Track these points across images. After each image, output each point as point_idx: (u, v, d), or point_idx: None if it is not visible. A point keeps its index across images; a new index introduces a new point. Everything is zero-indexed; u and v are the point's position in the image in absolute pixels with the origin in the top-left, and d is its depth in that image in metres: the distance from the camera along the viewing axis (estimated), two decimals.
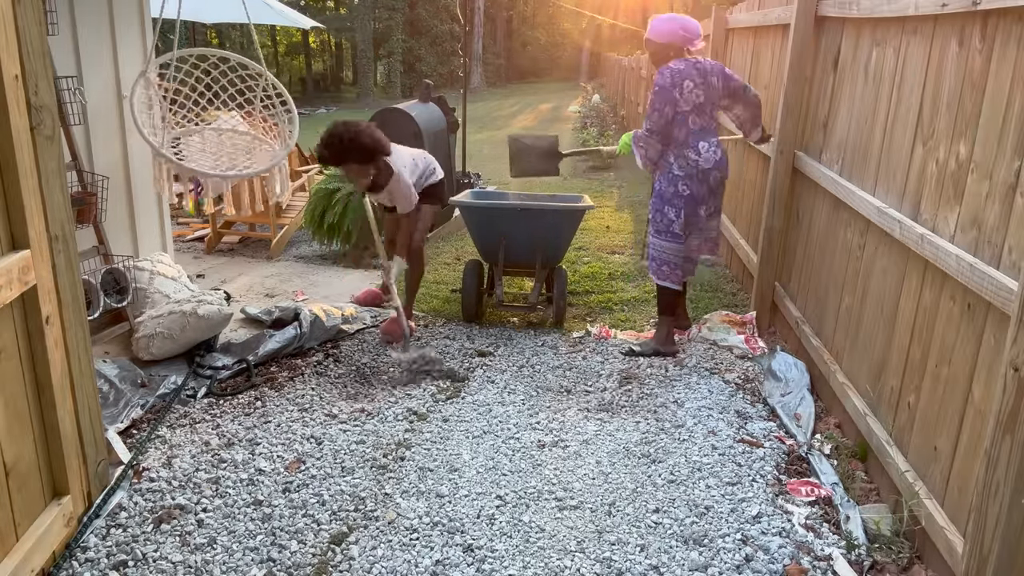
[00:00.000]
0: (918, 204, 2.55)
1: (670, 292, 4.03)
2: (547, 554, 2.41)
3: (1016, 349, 1.76)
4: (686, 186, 3.83)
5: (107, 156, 4.03)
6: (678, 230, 3.88)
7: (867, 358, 2.93)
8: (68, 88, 3.45)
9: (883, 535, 2.44)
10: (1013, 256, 1.95)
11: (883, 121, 2.89)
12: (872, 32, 3.06)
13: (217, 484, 2.76)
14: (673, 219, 3.88)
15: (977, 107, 2.19)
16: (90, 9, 3.85)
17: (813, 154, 3.76)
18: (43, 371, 2.24)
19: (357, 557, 2.38)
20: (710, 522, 2.58)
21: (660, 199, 3.92)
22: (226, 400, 3.47)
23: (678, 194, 3.84)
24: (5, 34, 2.01)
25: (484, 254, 4.59)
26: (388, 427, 3.22)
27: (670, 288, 4.01)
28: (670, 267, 3.95)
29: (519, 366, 3.92)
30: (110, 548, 2.40)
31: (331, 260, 5.98)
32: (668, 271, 3.96)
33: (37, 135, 2.19)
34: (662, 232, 3.94)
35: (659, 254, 3.97)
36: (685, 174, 3.82)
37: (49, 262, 2.27)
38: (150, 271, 4.09)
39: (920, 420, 2.45)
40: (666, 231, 3.92)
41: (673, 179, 3.85)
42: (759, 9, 4.93)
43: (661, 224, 3.93)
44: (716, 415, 3.34)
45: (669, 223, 3.90)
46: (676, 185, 3.84)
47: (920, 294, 2.50)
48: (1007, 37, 2.06)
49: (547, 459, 2.99)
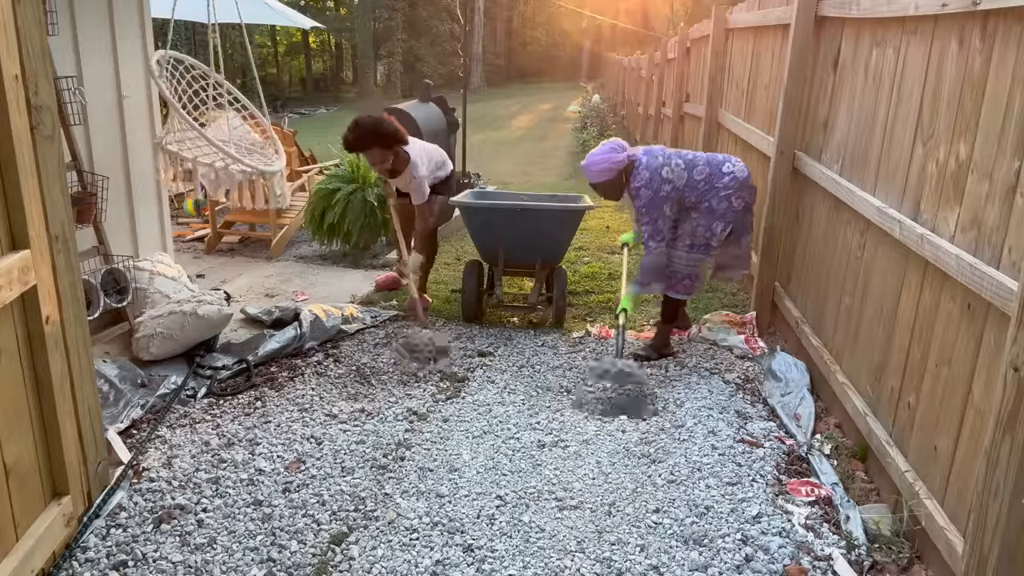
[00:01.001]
0: (918, 204, 2.55)
1: (680, 304, 4.04)
2: (547, 554, 2.41)
3: (1016, 349, 1.76)
4: (739, 198, 3.78)
5: (107, 156, 4.03)
6: (715, 243, 3.85)
7: (867, 358, 2.93)
8: (68, 88, 3.45)
9: (883, 535, 2.44)
10: (1013, 256, 1.95)
11: (883, 121, 2.89)
12: (872, 32, 3.06)
13: (217, 484, 2.76)
14: (717, 232, 3.82)
15: (977, 107, 2.19)
16: (90, 9, 3.85)
17: (813, 154, 3.76)
18: (43, 371, 2.24)
19: (357, 557, 2.38)
20: (710, 522, 2.58)
21: (711, 216, 3.80)
22: (226, 400, 3.47)
23: (732, 208, 3.78)
24: (5, 34, 2.01)
25: (484, 254, 4.59)
26: (388, 427, 3.22)
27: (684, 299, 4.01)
28: (692, 279, 3.92)
29: (519, 366, 3.92)
30: (110, 548, 2.40)
31: (331, 260, 5.98)
32: (690, 284, 3.93)
33: (37, 135, 2.19)
34: (698, 246, 3.85)
35: (691, 269, 3.89)
36: (734, 189, 3.76)
37: (49, 262, 2.27)
38: (150, 271, 4.09)
39: (920, 420, 2.45)
40: (704, 244, 3.85)
41: (723, 197, 3.77)
42: (759, 9, 4.93)
43: (701, 239, 3.84)
44: (716, 415, 3.34)
45: (710, 236, 3.83)
46: (730, 200, 3.77)
47: (920, 294, 2.50)
48: (1007, 37, 2.06)
49: (547, 459, 2.99)
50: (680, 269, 3.90)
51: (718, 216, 3.79)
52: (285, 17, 10.72)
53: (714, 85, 6.24)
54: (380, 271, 5.64)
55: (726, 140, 5.87)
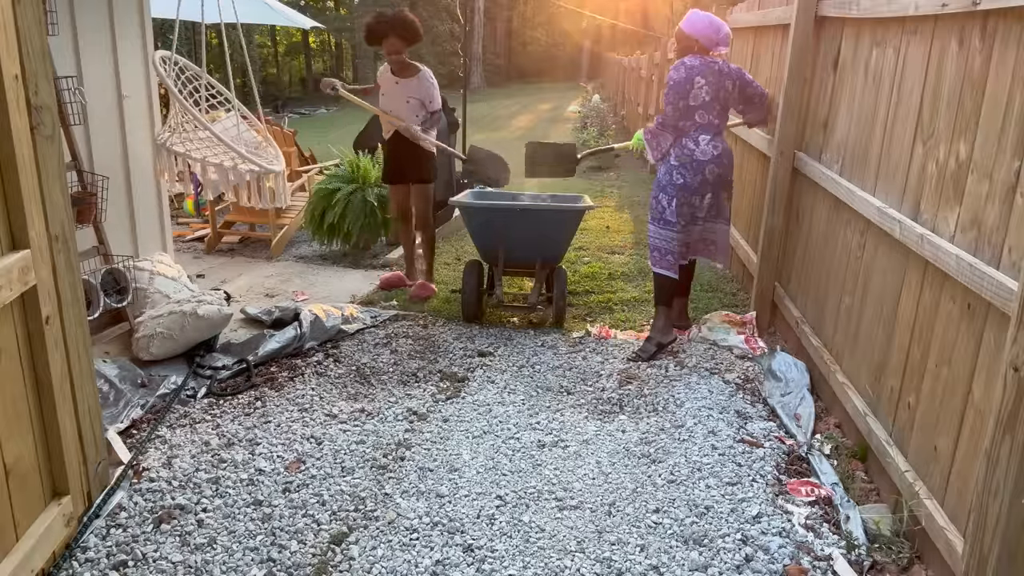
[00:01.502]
0: (918, 204, 2.55)
1: (666, 282, 4.05)
2: (547, 554, 2.41)
3: (1016, 349, 1.76)
4: (680, 175, 3.92)
5: (107, 156, 4.03)
6: (671, 217, 3.96)
7: (867, 358, 2.93)
8: (68, 88, 3.45)
9: (883, 535, 2.44)
10: (1013, 256, 1.95)
11: (883, 121, 2.89)
12: (872, 32, 3.06)
13: (217, 484, 2.76)
14: (666, 206, 3.98)
15: (977, 107, 2.19)
16: (90, 9, 3.85)
17: (813, 154, 3.76)
18: (43, 371, 2.24)
19: (357, 557, 2.38)
20: (710, 522, 2.58)
21: (657, 187, 4.04)
22: (226, 400, 3.47)
23: (672, 182, 3.94)
24: (5, 34, 2.01)
25: (484, 254, 4.59)
26: (388, 427, 3.22)
27: (666, 277, 4.03)
28: (661, 253, 4.03)
29: (519, 366, 3.92)
30: (110, 548, 2.40)
31: (331, 260, 5.98)
32: (659, 257, 4.03)
33: (37, 135, 2.19)
34: (656, 219, 4.04)
35: (652, 240, 4.07)
36: (680, 163, 3.92)
37: (49, 262, 2.27)
38: (150, 271, 4.09)
39: (920, 420, 2.45)
40: (660, 218, 4.02)
41: (669, 168, 3.97)
42: (759, 9, 4.93)
43: (655, 211, 4.04)
44: (716, 415, 3.34)
45: (662, 210, 4.00)
46: (672, 174, 3.95)
47: (920, 294, 2.50)
48: (1007, 37, 2.06)
49: (547, 459, 2.99)
50: (650, 242, 4.10)
51: (661, 188, 3.99)
52: (285, 17, 10.71)
53: None
54: (380, 271, 5.65)
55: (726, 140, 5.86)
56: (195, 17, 4.50)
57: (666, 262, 4.02)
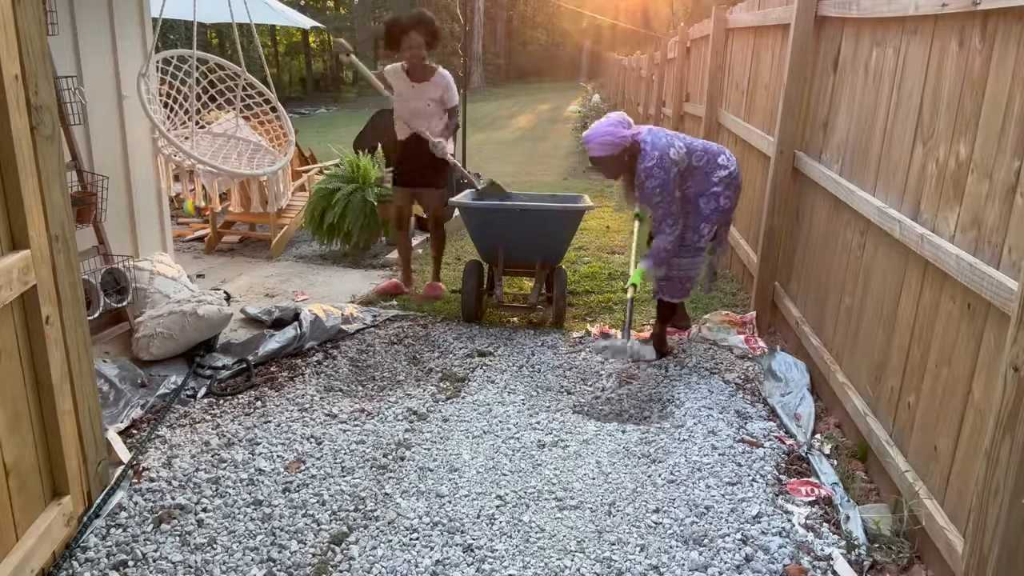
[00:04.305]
0: (918, 204, 2.55)
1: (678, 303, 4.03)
2: (547, 554, 2.41)
3: (1016, 349, 1.76)
4: (727, 198, 3.72)
5: (107, 156, 4.03)
6: (703, 244, 3.79)
7: (867, 358, 2.93)
8: (68, 88, 3.45)
9: (883, 535, 2.44)
10: (1013, 256, 1.95)
11: (883, 121, 2.89)
12: (872, 32, 3.06)
13: (217, 484, 2.76)
14: (705, 234, 3.76)
15: (977, 107, 2.19)
16: (90, 9, 3.85)
17: (813, 154, 3.76)
18: (43, 371, 2.24)
19: (357, 557, 2.38)
20: (710, 522, 2.58)
21: (698, 218, 3.73)
22: (226, 400, 3.47)
23: (719, 208, 3.71)
24: (5, 34, 2.01)
25: (484, 254, 4.59)
26: (388, 427, 3.22)
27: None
28: (691, 282, 3.88)
29: (519, 366, 3.92)
30: (110, 548, 2.40)
31: (331, 260, 5.98)
32: (688, 287, 3.89)
33: (37, 135, 2.19)
34: (689, 250, 3.78)
35: (685, 272, 3.82)
36: (725, 186, 3.70)
37: (49, 262, 2.27)
38: (150, 271, 4.09)
39: (920, 420, 2.45)
40: (693, 247, 3.78)
41: (712, 196, 3.70)
42: (759, 9, 4.93)
43: (690, 242, 3.77)
44: (716, 415, 3.34)
45: (698, 239, 3.76)
46: (718, 200, 3.70)
47: (920, 294, 2.50)
48: (1007, 37, 2.06)
49: (547, 459, 2.99)
50: (681, 276, 3.85)
51: (704, 218, 3.72)
52: (285, 17, 10.71)
53: (714, 85, 6.25)
54: (380, 271, 5.65)
55: (726, 140, 5.87)
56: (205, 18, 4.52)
57: (687, 290, 3.90)
